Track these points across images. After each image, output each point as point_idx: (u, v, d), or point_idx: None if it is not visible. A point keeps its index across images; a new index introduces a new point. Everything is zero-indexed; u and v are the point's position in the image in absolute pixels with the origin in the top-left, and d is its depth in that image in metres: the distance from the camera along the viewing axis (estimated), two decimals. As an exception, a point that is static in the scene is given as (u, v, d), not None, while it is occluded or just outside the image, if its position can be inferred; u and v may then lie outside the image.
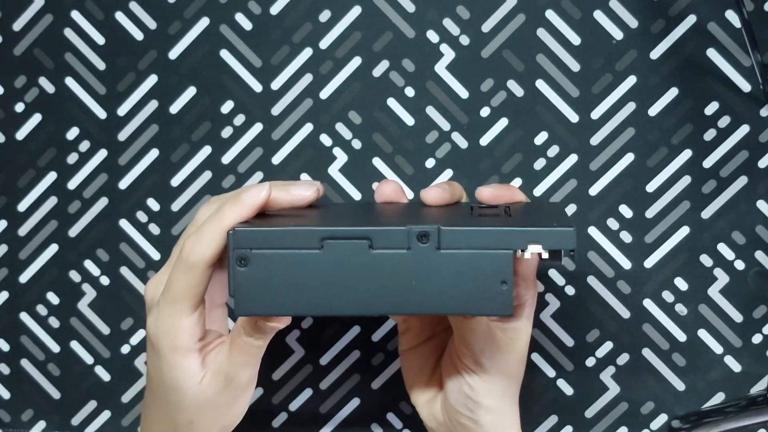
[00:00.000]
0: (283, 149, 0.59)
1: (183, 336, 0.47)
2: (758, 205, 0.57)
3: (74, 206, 0.61)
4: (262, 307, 0.43)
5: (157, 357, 0.47)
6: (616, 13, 0.57)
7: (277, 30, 0.59)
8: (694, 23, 0.57)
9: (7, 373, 0.62)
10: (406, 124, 0.59)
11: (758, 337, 0.58)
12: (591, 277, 0.58)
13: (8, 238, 0.61)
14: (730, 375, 0.58)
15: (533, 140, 0.58)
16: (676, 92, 0.57)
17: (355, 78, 0.59)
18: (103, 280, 0.61)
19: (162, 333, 0.47)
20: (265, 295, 0.43)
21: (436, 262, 0.42)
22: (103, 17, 0.60)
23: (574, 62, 0.57)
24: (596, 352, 0.58)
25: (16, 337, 0.62)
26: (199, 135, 0.60)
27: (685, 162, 0.57)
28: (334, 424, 0.60)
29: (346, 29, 0.58)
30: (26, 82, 0.60)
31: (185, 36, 0.59)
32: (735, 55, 0.56)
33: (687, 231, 0.58)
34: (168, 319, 0.47)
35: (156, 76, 0.60)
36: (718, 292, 0.58)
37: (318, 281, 0.43)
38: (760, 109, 0.57)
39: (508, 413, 0.51)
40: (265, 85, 0.59)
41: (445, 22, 0.58)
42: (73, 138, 0.60)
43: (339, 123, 0.59)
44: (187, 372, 0.47)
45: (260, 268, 0.43)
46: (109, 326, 0.61)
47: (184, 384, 0.47)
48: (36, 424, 0.62)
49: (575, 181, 0.58)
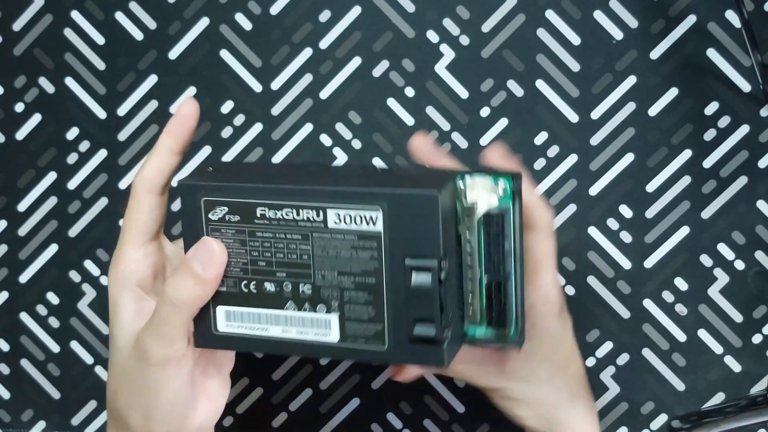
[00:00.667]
0: (283, 149, 0.59)
1: (121, 264, 0.46)
2: (758, 205, 0.57)
3: (74, 206, 0.61)
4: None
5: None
6: (616, 13, 0.57)
7: (277, 30, 0.59)
8: (694, 23, 0.57)
9: (7, 373, 0.62)
10: (406, 124, 0.59)
11: (758, 337, 0.58)
12: (591, 277, 0.58)
13: (8, 238, 0.61)
14: (730, 375, 0.58)
15: (533, 140, 0.58)
16: (676, 92, 0.57)
17: (355, 78, 0.59)
18: (103, 280, 0.61)
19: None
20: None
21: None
22: (103, 17, 0.60)
23: (574, 62, 0.58)
24: (596, 352, 0.59)
25: (16, 337, 0.62)
26: (198, 135, 0.60)
27: (685, 162, 0.57)
28: (334, 424, 0.60)
29: (346, 29, 0.59)
30: (26, 82, 0.60)
31: (185, 36, 0.59)
32: (735, 55, 0.56)
33: (687, 231, 0.58)
34: (117, 249, 0.46)
35: (156, 76, 0.60)
36: (718, 292, 0.58)
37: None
38: (760, 109, 0.57)
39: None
40: (265, 85, 0.59)
41: (445, 22, 0.58)
42: (73, 138, 0.60)
43: (339, 123, 0.59)
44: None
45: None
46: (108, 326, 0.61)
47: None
48: (36, 424, 0.62)
49: (575, 181, 0.58)
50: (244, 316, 0.44)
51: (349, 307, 0.42)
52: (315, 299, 0.42)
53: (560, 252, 0.58)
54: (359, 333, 0.42)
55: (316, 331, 0.43)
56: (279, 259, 0.43)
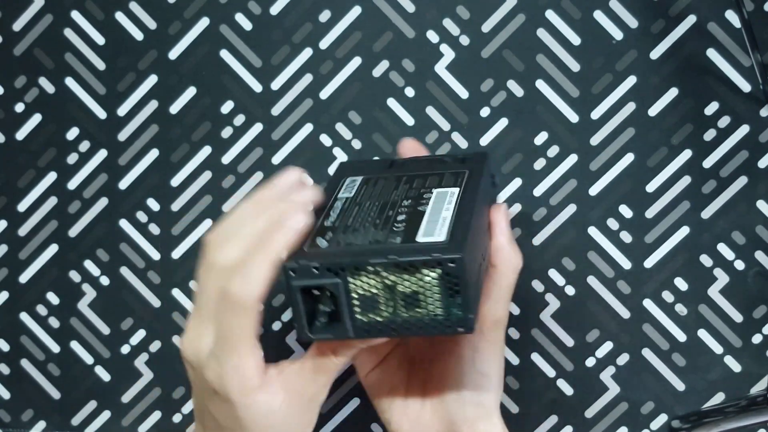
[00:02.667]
0: (283, 149, 0.59)
1: (251, 376, 0.43)
2: (758, 205, 0.57)
3: (74, 206, 0.61)
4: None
5: (227, 406, 0.44)
6: (616, 13, 0.57)
7: (277, 30, 0.59)
8: (694, 23, 0.57)
9: (7, 373, 0.62)
10: (406, 124, 0.59)
11: (758, 337, 0.58)
12: (591, 277, 0.58)
13: (8, 238, 0.61)
14: (730, 375, 0.58)
15: (533, 140, 0.58)
16: (676, 92, 0.57)
17: (355, 78, 0.59)
18: (103, 280, 0.61)
19: (229, 382, 0.43)
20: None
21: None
22: (103, 17, 0.60)
23: (574, 62, 0.57)
24: (596, 352, 0.59)
25: (16, 337, 0.62)
26: (199, 135, 0.60)
27: (685, 162, 0.57)
28: (334, 424, 0.60)
29: (346, 29, 0.58)
30: (26, 82, 0.60)
31: (185, 36, 0.59)
32: (735, 55, 0.56)
33: (687, 231, 0.58)
34: (232, 368, 0.43)
35: (156, 76, 0.60)
36: (718, 292, 0.58)
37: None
38: (760, 109, 0.57)
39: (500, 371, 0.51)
40: (265, 85, 0.59)
41: (445, 22, 0.58)
42: (73, 138, 0.60)
43: (339, 123, 0.59)
44: (266, 406, 0.44)
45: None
46: (109, 326, 0.61)
47: (265, 419, 0.44)
48: (36, 424, 0.62)
49: (575, 181, 0.58)
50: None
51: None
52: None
53: (560, 252, 0.58)
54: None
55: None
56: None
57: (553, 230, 0.58)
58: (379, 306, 0.42)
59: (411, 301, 0.42)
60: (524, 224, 0.58)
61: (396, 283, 0.42)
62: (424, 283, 0.42)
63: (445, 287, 0.41)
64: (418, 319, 0.42)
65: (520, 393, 0.59)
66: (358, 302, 0.42)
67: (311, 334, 0.43)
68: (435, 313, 0.42)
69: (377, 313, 0.42)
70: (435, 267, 0.41)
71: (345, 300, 0.42)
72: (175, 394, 0.61)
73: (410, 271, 0.41)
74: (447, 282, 0.41)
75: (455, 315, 0.42)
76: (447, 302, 0.42)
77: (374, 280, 0.42)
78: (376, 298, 0.42)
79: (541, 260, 0.58)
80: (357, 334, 0.43)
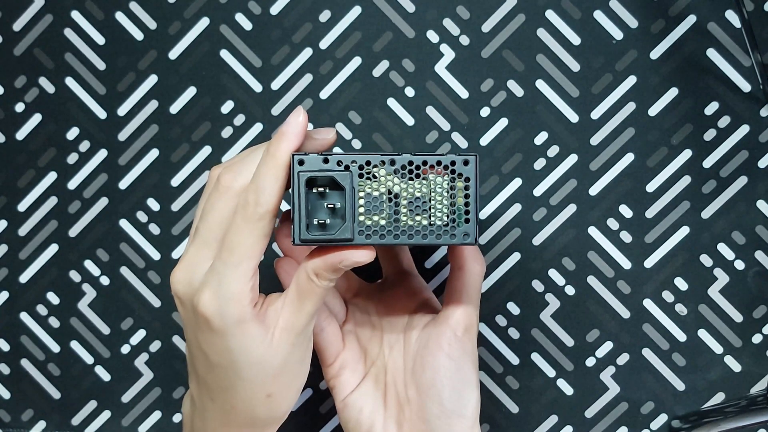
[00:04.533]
0: (283, 149, 0.59)
1: (246, 302, 0.43)
2: (758, 205, 0.57)
3: (74, 206, 0.61)
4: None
5: (218, 337, 0.43)
6: (616, 13, 0.57)
7: (277, 30, 0.59)
8: (694, 23, 0.57)
9: (7, 373, 0.62)
10: (406, 124, 0.59)
11: (758, 337, 0.58)
12: (591, 277, 0.58)
13: (8, 238, 0.61)
14: (730, 375, 0.58)
15: (533, 140, 0.58)
16: (676, 92, 0.57)
17: (355, 78, 0.59)
18: (103, 280, 0.61)
19: (226, 304, 0.43)
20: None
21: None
22: (103, 17, 0.60)
23: (574, 62, 0.58)
24: (596, 352, 0.59)
25: (16, 337, 0.62)
26: (199, 135, 0.60)
27: (685, 162, 0.57)
28: (334, 424, 0.60)
29: (346, 29, 0.59)
30: (26, 82, 0.60)
31: (185, 36, 0.59)
32: (735, 55, 0.56)
33: (687, 231, 0.58)
34: (232, 286, 0.42)
35: (156, 76, 0.60)
36: (718, 292, 0.58)
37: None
38: (760, 109, 0.57)
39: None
40: (265, 85, 0.59)
41: (445, 22, 0.58)
42: (73, 138, 0.60)
43: (339, 123, 0.59)
44: (259, 339, 0.43)
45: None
46: (109, 326, 0.61)
47: (259, 353, 0.44)
48: (36, 424, 0.62)
49: (575, 181, 0.58)
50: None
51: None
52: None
53: (560, 252, 0.58)
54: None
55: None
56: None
57: (553, 230, 0.58)
58: (383, 209, 0.43)
59: (417, 207, 0.43)
60: (524, 224, 0.58)
61: (404, 188, 0.42)
62: (434, 188, 0.42)
63: (454, 193, 0.42)
64: (423, 226, 0.43)
65: (520, 393, 0.59)
66: (362, 202, 0.42)
67: (309, 233, 0.43)
68: (442, 221, 0.43)
69: (381, 216, 0.43)
70: (449, 166, 0.42)
71: (350, 197, 0.42)
72: (175, 394, 0.61)
73: (420, 177, 0.42)
74: (458, 186, 0.42)
75: (461, 224, 0.43)
76: (454, 209, 0.42)
77: (382, 180, 0.42)
78: (381, 200, 0.43)
79: (541, 260, 0.58)
80: (357, 237, 0.43)
